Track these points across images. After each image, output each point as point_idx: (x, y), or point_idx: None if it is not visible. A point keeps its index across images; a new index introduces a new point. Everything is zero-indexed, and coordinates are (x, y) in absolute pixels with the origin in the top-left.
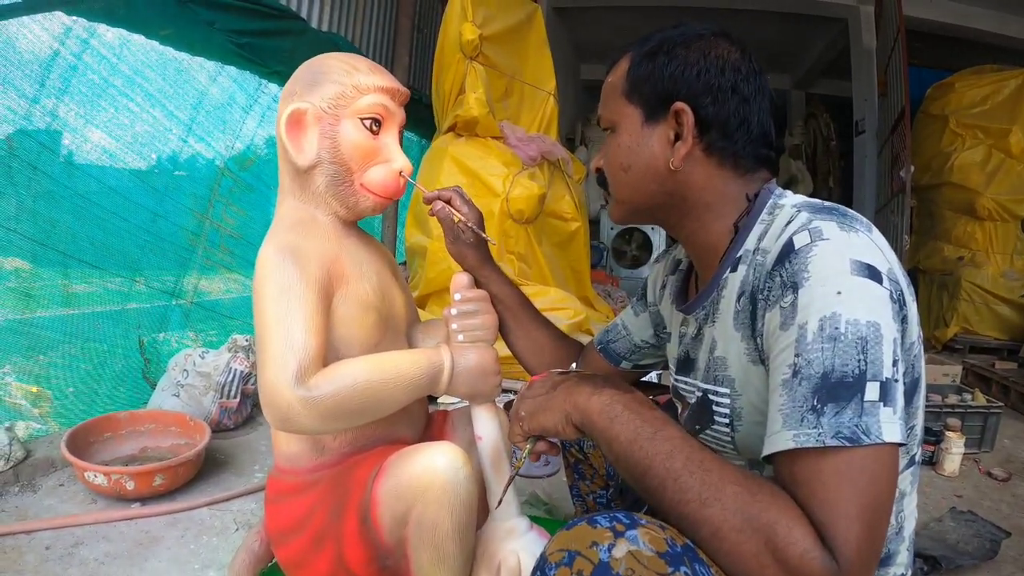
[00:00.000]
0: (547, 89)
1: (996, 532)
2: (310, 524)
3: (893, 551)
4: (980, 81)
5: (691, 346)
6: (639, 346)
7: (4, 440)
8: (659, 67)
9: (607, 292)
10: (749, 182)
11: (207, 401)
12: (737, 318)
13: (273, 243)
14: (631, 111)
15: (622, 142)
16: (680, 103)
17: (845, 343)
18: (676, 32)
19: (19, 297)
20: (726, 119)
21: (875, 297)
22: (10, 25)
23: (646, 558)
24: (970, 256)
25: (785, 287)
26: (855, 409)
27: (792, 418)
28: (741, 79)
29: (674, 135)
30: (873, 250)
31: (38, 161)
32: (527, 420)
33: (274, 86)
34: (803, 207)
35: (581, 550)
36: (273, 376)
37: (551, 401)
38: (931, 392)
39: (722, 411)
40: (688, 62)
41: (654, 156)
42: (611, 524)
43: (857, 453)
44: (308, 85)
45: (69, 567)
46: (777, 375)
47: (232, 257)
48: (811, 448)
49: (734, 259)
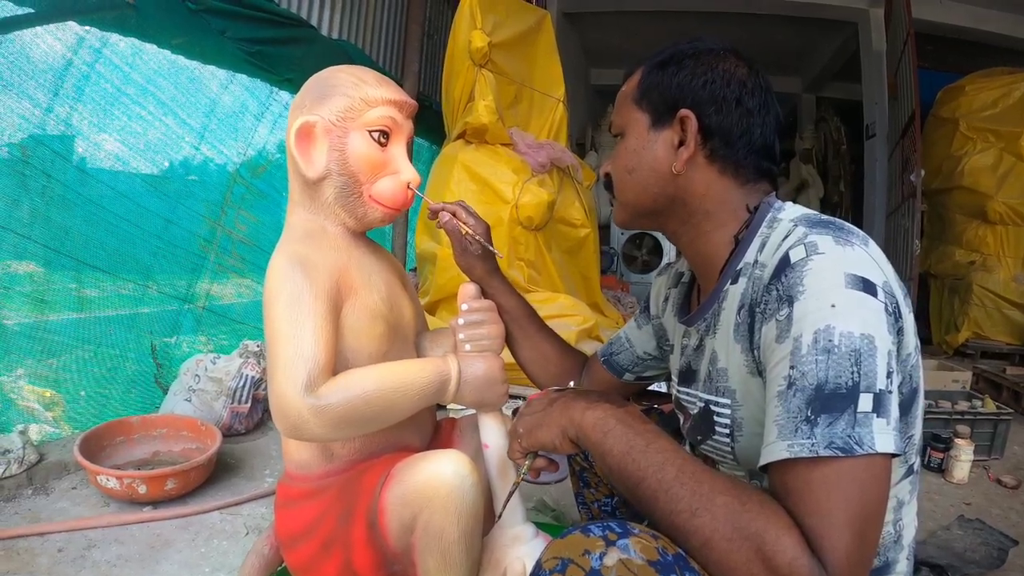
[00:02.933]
0: (556, 95)
1: (1004, 540)
2: (319, 529)
3: (892, 560)
4: (991, 84)
5: (693, 358)
6: (642, 358)
7: (18, 443)
8: (668, 76)
9: (617, 298)
10: (750, 192)
11: (218, 406)
12: (737, 330)
13: (284, 254)
14: (639, 116)
15: (629, 145)
16: (685, 110)
17: (839, 355)
18: (688, 46)
19: (33, 301)
20: (729, 128)
21: (869, 310)
22: (24, 35)
23: (636, 566)
24: (981, 260)
25: (781, 300)
26: (848, 420)
27: (787, 429)
28: (746, 92)
29: (678, 140)
30: (868, 263)
31: (52, 168)
32: (525, 437)
33: (285, 93)
34: (800, 221)
35: (574, 558)
36: (283, 385)
37: (548, 417)
38: (940, 399)
39: (723, 421)
40: (696, 73)
41: (658, 159)
42: (603, 533)
43: (848, 463)
44: (317, 98)
45: (82, 569)
46: (773, 387)
47: (244, 263)
48: (804, 458)
49: (734, 271)
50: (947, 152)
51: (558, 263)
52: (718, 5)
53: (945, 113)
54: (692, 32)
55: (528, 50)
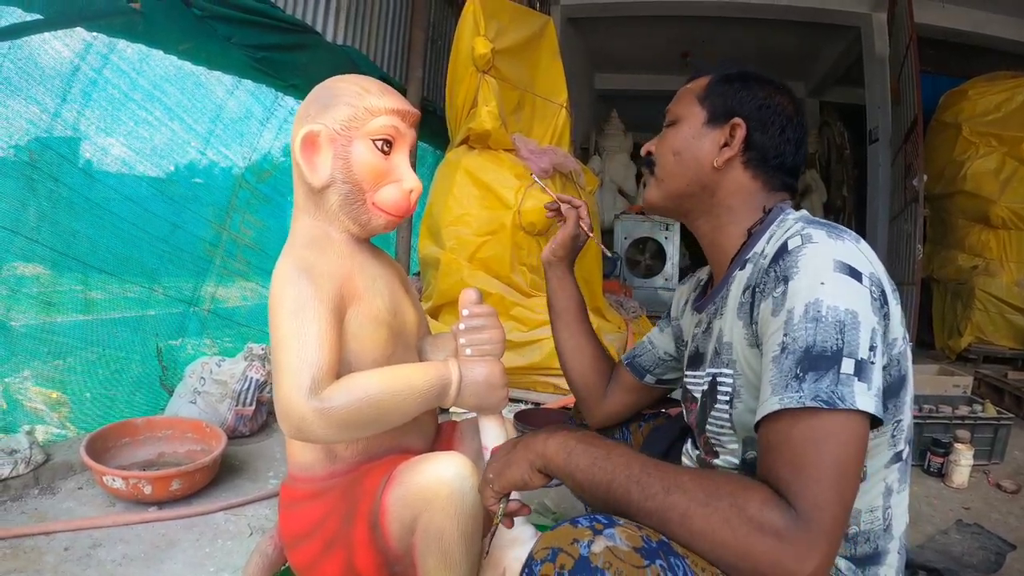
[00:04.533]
0: (559, 101)
1: (1002, 545)
2: (322, 530)
3: (882, 549)
4: (993, 88)
5: (701, 340)
6: (662, 359)
7: (24, 443)
8: (733, 89)
9: (620, 302)
10: (769, 198)
11: (223, 408)
12: (740, 309)
13: (289, 260)
14: (698, 111)
15: (682, 132)
16: (738, 119)
17: (825, 324)
18: (755, 71)
19: (39, 304)
20: (768, 147)
21: (854, 291)
22: (33, 40)
23: (623, 552)
24: (984, 265)
25: (778, 280)
26: (832, 379)
27: (779, 386)
28: (789, 125)
29: (724, 141)
30: (857, 255)
31: (59, 172)
32: (496, 481)
33: (291, 99)
34: (801, 219)
35: (563, 547)
36: (288, 388)
37: (513, 456)
38: (941, 403)
39: (724, 390)
40: (756, 95)
41: (704, 151)
42: (591, 524)
43: (829, 417)
44: (321, 107)
45: (87, 568)
46: (769, 354)
47: (249, 267)
48: (790, 410)
49: (743, 260)
50: (950, 156)
51: None
52: (722, 10)
53: (948, 117)
54: (696, 37)
55: (531, 56)
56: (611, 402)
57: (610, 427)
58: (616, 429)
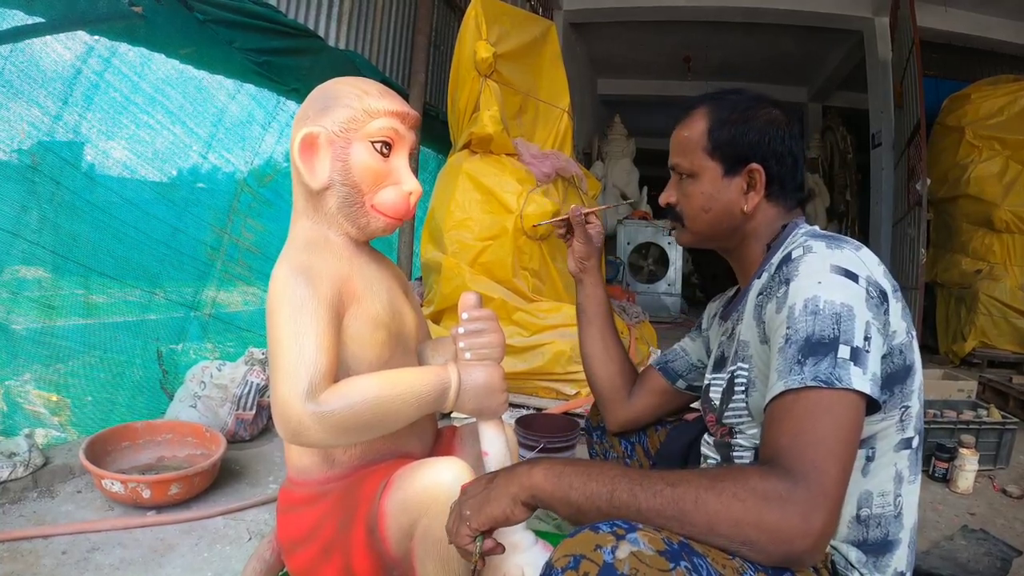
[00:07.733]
0: (561, 106)
1: (1008, 551)
2: (320, 535)
3: (893, 538)
4: (996, 92)
5: (726, 345)
6: (695, 365)
7: (23, 446)
8: (739, 135)
9: (623, 308)
10: (786, 216)
11: (223, 412)
12: (755, 311)
13: (287, 263)
14: (712, 165)
15: (704, 190)
16: (755, 164)
17: (823, 316)
18: (740, 98)
19: (41, 307)
20: (784, 176)
21: (850, 290)
22: (35, 44)
23: (648, 557)
24: (988, 269)
25: (781, 283)
26: (830, 362)
27: (784, 371)
28: (793, 142)
29: (746, 186)
30: (854, 261)
31: (61, 175)
32: (473, 517)
33: (292, 103)
34: (807, 233)
35: (586, 553)
36: (285, 391)
37: (493, 492)
38: (946, 408)
39: (741, 380)
40: (761, 131)
41: (731, 202)
42: (612, 529)
43: (827, 394)
44: (320, 109)
45: (84, 572)
46: (775, 346)
47: (250, 271)
48: (793, 390)
49: (761, 271)
50: (953, 160)
51: (562, 273)
52: (725, 15)
53: (951, 121)
54: (698, 42)
55: (533, 60)
56: (636, 405)
57: (629, 432)
58: (633, 434)
